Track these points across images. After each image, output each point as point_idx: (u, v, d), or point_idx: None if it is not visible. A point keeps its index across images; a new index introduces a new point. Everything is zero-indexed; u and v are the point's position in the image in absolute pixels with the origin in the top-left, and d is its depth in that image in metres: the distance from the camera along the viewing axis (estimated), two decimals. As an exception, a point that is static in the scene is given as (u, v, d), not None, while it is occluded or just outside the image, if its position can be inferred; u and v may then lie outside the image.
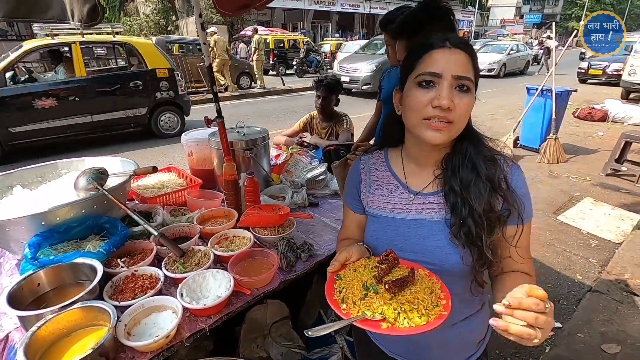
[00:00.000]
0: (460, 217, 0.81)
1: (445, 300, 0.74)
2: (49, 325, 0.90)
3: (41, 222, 1.16)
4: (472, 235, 0.80)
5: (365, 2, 27.05)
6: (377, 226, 0.94)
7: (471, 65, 0.79)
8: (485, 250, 0.80)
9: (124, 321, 0.95)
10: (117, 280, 1.13)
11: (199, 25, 1.53)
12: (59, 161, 1.65)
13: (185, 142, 1.96)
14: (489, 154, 0.85)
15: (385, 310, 0.70)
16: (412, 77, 0.81)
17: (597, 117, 7.74)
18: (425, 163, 0.90)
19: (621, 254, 3.03)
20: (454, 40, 0.79)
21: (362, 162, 1.02)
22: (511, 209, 0.81)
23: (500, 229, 0.81)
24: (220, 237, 1.39)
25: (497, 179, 0.81)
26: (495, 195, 0.81)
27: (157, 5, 25.04)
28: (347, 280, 0.79)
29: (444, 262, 0.85)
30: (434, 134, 0.78)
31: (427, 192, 0.89)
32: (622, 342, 2.11)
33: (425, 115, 0.78)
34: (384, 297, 0.73)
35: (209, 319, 1.06)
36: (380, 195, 0.95)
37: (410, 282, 0.76)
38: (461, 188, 0.82)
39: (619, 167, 4.78)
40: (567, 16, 53.67)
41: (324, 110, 2.66)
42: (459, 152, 0.85)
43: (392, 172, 0.96)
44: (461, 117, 0.78)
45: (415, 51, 0.83)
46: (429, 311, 0.70)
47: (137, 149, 6.00)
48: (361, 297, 0.74)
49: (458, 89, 0.77)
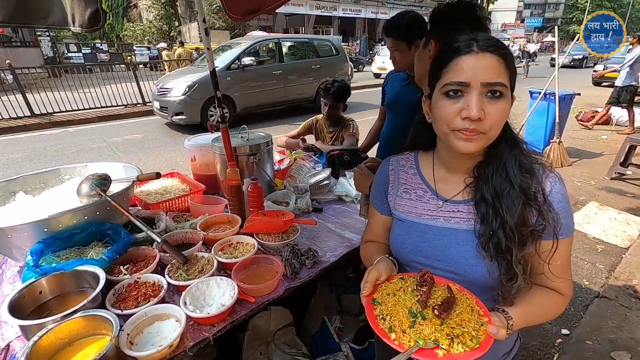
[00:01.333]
0: (491, 229, 0.77)
1: (486, 317, 0.72)
2: (51, 334, 0.88)
3: (44, 228, 1.15)
4: (502, 248, 0.76)
5: (367, 8, 27.20)
6: (403, 230, 0.92)
7: (504, 68, 0.73)
8: (514, 265, 0.76)
9: (126, 330, 0.94)
10: (120, 288, 1.11)
11: (203, 30, 1.52)
12: (61, 167, 1.64)
13: (189, 147, 1.95)
14: (525, 162, 0.79)
15: (439, 337, 0.68)
16: (439, 87, 0.77)
17: (601, 120, 7.70)
18: (457, 170, 0.87)
19: (628, 259, 2.99)
20: (482, 43, 0.73)
21: (391, 164, 1.00)
22: (546, 224, 0.76)
23: (533, 244, 0.77)
24: (224, 243, 1.38)
25: (532, 191, 0.77)
26: (529, 208, 0.76)
27: (160, 11, 25.29)
28: (388, 306, 0.76)
29: (468, 273, 0.82)
30: (465, 143, 0.74)
31: (457, 200, 0.86)
32: (632, 350, 2.07)
33: (454, 127, 0.74)
34: (434, 323, 0.71)
35: (213, 327, 1.04)
36: (408, 199, 0.93)
37: (454, 302, 0.74)
38: (493, 197, 0.78)
39: (624, 171, 4.75)
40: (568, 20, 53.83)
41: (331, 117, 2.65)
42: (493, 158, 0.81)
43: (421, 177, 0.93)
44: (494, 126, 0.73)
45: (442, 58, 0.78)
46: (477, 332, 0.69)
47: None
48: (409, 324, 0.72)
49: (490, 96, 0.72)
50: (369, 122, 2.66)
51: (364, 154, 2.27)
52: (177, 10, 24.20)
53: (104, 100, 9.10)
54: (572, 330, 2.27)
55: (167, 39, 25.36)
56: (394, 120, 2.20)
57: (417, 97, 2.02)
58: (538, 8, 58.22)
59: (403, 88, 2.09)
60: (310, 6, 23.80)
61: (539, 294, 0.82)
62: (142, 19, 27.44)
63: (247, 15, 2.02)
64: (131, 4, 27.29)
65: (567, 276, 0.83)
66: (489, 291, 0.84)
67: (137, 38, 25.40)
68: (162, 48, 12.67)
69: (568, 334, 2.26)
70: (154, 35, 25.54)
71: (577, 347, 2.13)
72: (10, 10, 0.98)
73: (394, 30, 1.85)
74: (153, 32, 25.63)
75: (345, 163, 2.14)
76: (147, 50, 21.13)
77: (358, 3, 26.62)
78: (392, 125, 2.22)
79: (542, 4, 57.94)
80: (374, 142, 2.53)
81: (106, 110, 8.95)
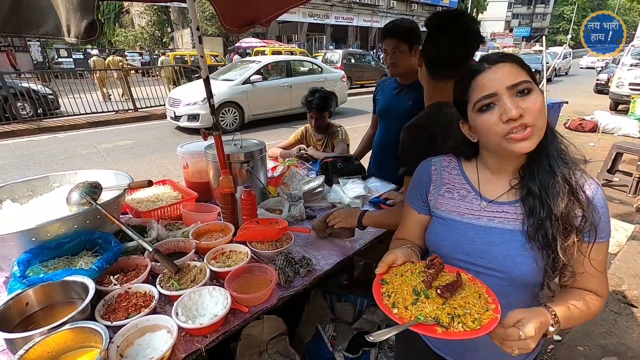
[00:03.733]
0: (539, 219, 0.80)
1: (494, 305, 0.74)
2: (38, 348, 0.85)
3: (31, 238, 1.12)
4: (548, 238, 0.79)
5: (359, 16, 27.53)
6: (444, 228, 0.94)
7: (520, 69, 0.79)
8: (560, 253, 0.79)
9: (116, 342, 0.92)
10: (110, 298, 1.09)
11: (197, 38, 1.52)
12: (50, 174, 1.62)
13: (181, 154, 1.93)
14: (566, 157, 0.83)
15: (439, 314, 0.71)
16: (471, 107, 0.83)
17: (588, 128, 7.87)
18: (502, 172, 0.90)
19: (617, 265, 3.04)
20: (492, 59, 0.80)
21: (433, 164, 1.02)
22: (588, 222, 0.80)
23: (575, 237, 0.80)
24: (217, 252, 1.36)
25: (574, 183, 0.81)
26: (574, 201, 0.80)
27: (152, 17, 25.26)
28: (394, 284, 0.80)
29: (511, 271, 0.84)
30: (521, 144, 0.77)
31: (502, 201, 0.89)
32: (622, 355, 2.09)
33: (502, 133, 0.78)
34: (436, 302, 0.74)
35: (205, 338, 1.02)
36: (450, 198, 0.95)
37: (459, 286, 0.77)
38: (540, 189, 0.81)
39: (611, 178, 4.84)
40: (555, 30, 55.15)
41: (319, 128, 2.66)
42: (536, 154, 0.83)
43: (465, 177, 0.96)
44: (536, 116, 0.77)
45: (461, 84, 0.84)
46: (481, 315, 0.71)
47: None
48: (412, 301, 0.75)
49: (520, 95, 0.77)
50: (361, 129, 2.67)
51: (357, 161, 2.29)
52: (169, 17, 24.21)
53: (94, 106, 9.01)
54: (564, 336, 2.29)
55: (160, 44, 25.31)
56: (386, 128, 2.22)
57: (408, 106, 2.07)
58: (526, 18, 59.65)
59: (394, 97, 2.12)
60: (303, 14, 23.99)
61: (577, 293, 0.85)
62: (134, 25, 27.35)
63: (243, 27, 2.03)
64: (123, 9, 27.19)
65: (605, 277, 0.87)
66: (530, 289, 0.87)
67: (129, 44, 25.28)
68: (93, 54, 12.94)
69: (560, 339, 2.27)
70: (146, 41, 25.47)
71: (568, 353, 2.14)
72: (1, 19, 0.97)
73: (397, 31, 1.90)
74: (145, 38, 25.56)
75: (338, 170, 2.15)
76: (139, 56, 21.07)
77: (350, 11, 26.93)
78: (384, 133, 2.24)
79: (529, 14, 59.39)
80: (366, 150, 2.55)
81: (96, 116, 8.86)
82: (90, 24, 0.92)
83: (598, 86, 13.67)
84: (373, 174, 2.24)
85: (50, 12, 0.94)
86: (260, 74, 8.38)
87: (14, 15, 0.97)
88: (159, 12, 24.83)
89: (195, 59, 16.16)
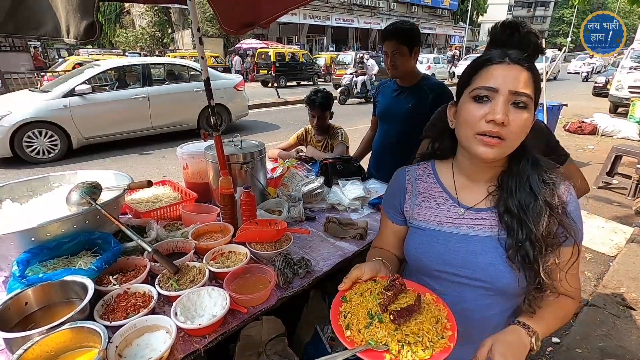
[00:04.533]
0: (517, 240, 0.79)
1: (450, 332, 0.72)
2: (36, 347, 0.85)
3: (31, 238, 1.12)
4: (530, 259, 0.78)
5: (360, 18, 27.59)
6: (423, 239, 0.92)
7: (531, 82, 0.77)
8: (542, 274, 0.78)
9: (115, 342, 0.92)
10: (109, 298, 1.09)
11: (197, 39, 1.53)
12: (50, 174, 1.62)
13: (181, 155, 1.93)
14: (547, 177, 0.82)
15: (389, 341, 0.69)
16: (468, 91, 0.81)
17: (587, 130, 7.89)
18: (479, 178, 0.89)
19: (616, 267, 3.04)
20: (514, 56, 0.77)
21: (408, 173, 1.00)
22: (567, 233, 0.80)
23: (555, 254, 0.79)
24: (216, 252, 1.36)
25: (555, 203, 0.80)
26: (553, 219, 0.79)
27: (153, 18, 25.31)
28: (352, 304, 0.78)
29: (496, 280, 0.83)
30: (485, 149, 0.77)
31: (480, 208, 0.87)
32: (621, 358, 2.09)
33: (479, 130, 0.77)
34: (389, 327, 0.71)
35: (204, 338, 1.02)
36: (428, 207, 0.93)
37: (415, 311, 0.74)
38: (518, 210, 0.80)
39: (611, 180, 4.85)
40: (555, 32, 55.26)
41: (320, 128, 2.67)
42: (516, 173, 0.83)
43: (441, 185, 0.94)
44: (515, 134, 0.76)
45: (473, 66, 0.82)
46: (434, 344, 0.69)
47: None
48: (366, 325, 0.72)
49: (514, 105, 0.75)
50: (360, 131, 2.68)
51: (357, 163, 2.29)
52: (170, 18, 24.26)
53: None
54: (562, 339, 2.29)
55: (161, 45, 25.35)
56: (386, 130, 2.22)
57: (408, 108, 2.08)
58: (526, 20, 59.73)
59: (394, 99, 2.13)
60: (303, 15, 24.06)
61: (554, 301, 0.84)
62: (134, 26, 27.40)
63: (242, 28, 2.04)
64: (124, 10, 27.24)
65: (577, 279, 0.88)
66: (516, 298, 0.86)
67: (129, 44, 25.32)
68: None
69: (558, 342, 2.27)
70: (146, 42, 25.51)
71: (567, 355, 2.14)
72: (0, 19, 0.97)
73: (397, 33, 1.90)
74: (146, 38, 25.60)
75: (338, 172, 2.15)
76: (139, 56, 21.10)
77: (351, 13, 27.01)
78: (384, 135, 2.24)
79: (529, 17, 59.51)
80: (366, 152, 2.56)
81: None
82: (90, 25, 0.92)
83: (596, 89, 13.71)
84: (373, 175, 2.24)
85: (49, 14, 0.94)
86: (97, 82, 6.37)
87: (13, 17, 0.97)
88: (159, 13, 24.88)
89: (195, 60, 16.20)
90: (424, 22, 33.20)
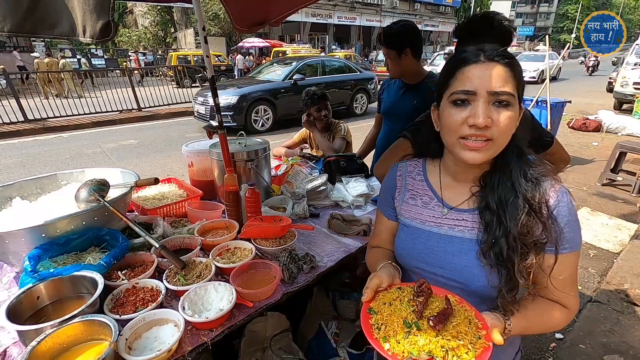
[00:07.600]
0: (493, 236, 0.77)
1: (484, 330, 0.71)
2: (49, 340, 0.88)
3: (41, 234, 1.15)
4: (503, 257, 0.76)
5: (362, 15, 27.50)
6: (407, 236, 0.92)
7: (511, 77, 0.73)
8: (515, 274, 0.75)
9: (125, 335, 0.94)
10: (118, 293, 1.11)
11: (202, 38, 1.54)
12: (58, 172, 1.64)
13: (186, 153, 1.95)
14: (532, 172, 0.79)
15: (433, 348, 0.68)
16: (447, 95, 0.78)
17: (592, 127, 7.84)
18: (463, 179, 0.87)
19: (620, 263, 3.04)
20: (489, 53, 0.74)
21: (399, 169, 1.00)
22: (548, 237, 0.75)
23: (536, 256, 0.75)
24: (222, 248, 1.38)
25: (536, 201, 0.76)
26: (533, 218, 0.76)
27: (155, 18, 25.37)
28: (384, 315, 0.76)
29: (470, 282, 0.82)
30: (472, 154, 0.75)
31: (462, 209, 0.86)
32: (625, 354, 2.10)
33: (462, 134, 0.75)
34: (429, 334, 0.70)
35: (211, 332, 1.04)
36: (414, 204, 0.93)
37: (450, 314, 0.73)
38: (497, 205, 0.78)
39: (615, 177, 4.83)
40: (559, 29, 54.83)
41: (325, 118, 2.68)
42: (499, 167, 0.80)
43: (428, 183, 0.94)
44: (501, 133, 0.73)
45: (449, 67, 0.79)
46: (474, 345, 0.68)
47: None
48: (404, 335, 0.71)
49: (497, 105, 0.73)
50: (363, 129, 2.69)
51: (360, 160, 2.30)
52: (172, 17, 24.29)
53: (98, 106, 9.07)
54: (566, 335, 2.29)
55: (163, 44, 25.41)
56: (390, 127, 2.23)
57: (413, 106, 2.08)
58: (530, 17, 59.32)
59: (399, 97, 2.13)
60: (305, 14, 24.00)
61: (539, 304, 0.82)
62: (137, 25, 27.48)
63: (253, 27, 2.06)
64: (127, 10, 27.32)
65: (572, 291, 0.82)
66: (490, 302, 0.83)
67: (132, 44, 25.41)
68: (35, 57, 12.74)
69: (562, 338, 2.28)
70: (149, 42, 25.58)
71: (570, 351, 2.15)
72: (18, 20, 0.98)
73: (385, 39, 1.90)
74: (149, 38, 25.67)
75: (341, 169, 2.16)
76: (142, 56, 21.17)
77: (353, 11, 26.92)
78: (388, 132, 2.25)
79: (533, 13, 59.06)
80: (369, 149, 2.56)
81: (101, 115, 8.92)
82: (106, 25, 0.94)
83: (611, 84, 13.50)
84: (376, 172, 2.25)
85: (65, 13, 0.96)
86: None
87: (30, 17, 0.98)
88: (162, 13, 24.92)
89: (198, 59, 16.23)
90: (427, 20, 33.06)
